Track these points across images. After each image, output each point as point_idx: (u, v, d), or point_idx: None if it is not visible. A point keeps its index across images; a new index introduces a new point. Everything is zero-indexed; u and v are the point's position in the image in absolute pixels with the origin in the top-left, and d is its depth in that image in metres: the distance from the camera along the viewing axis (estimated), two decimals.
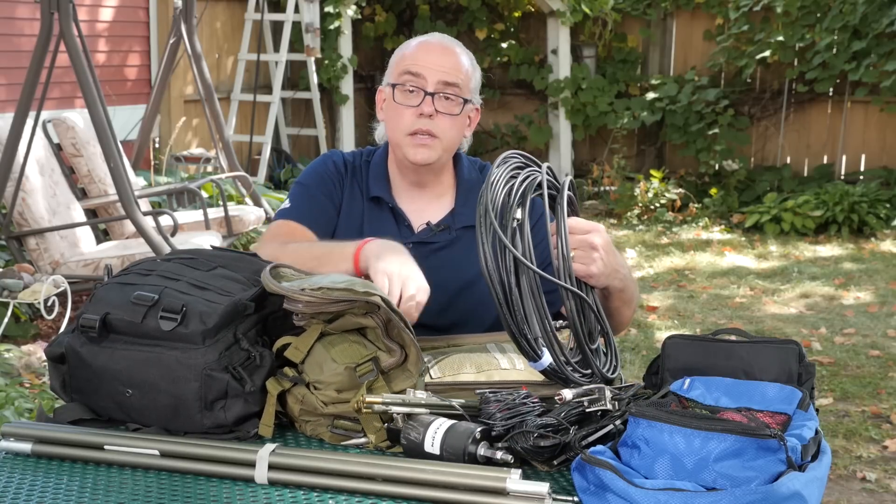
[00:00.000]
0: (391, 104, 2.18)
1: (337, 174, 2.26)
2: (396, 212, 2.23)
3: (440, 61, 2.15)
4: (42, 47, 4.99)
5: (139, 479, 1.55)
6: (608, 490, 1.37)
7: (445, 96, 2.14)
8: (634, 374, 4.75)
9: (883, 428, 4.29)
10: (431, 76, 2.14)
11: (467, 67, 2.19)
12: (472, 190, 2.25)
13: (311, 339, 1.67)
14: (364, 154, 2.31)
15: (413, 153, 2.16)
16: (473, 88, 2.21)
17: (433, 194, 2.26)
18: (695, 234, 8.43)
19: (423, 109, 2.13)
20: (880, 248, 7.85)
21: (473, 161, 2.33)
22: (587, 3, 9.60)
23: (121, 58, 7.85)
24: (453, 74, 2.15)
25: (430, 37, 2.24)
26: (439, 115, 2.14)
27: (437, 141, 2.16)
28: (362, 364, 1.63)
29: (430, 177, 2.24)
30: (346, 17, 8.99)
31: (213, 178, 6.23)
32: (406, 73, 2.15)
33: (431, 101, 2.13)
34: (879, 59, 8.66)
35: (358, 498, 1.48)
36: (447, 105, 2.15)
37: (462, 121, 2.20)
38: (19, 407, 3.64)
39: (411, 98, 2.15)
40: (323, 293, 1.62)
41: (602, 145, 9.97)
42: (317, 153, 9.51)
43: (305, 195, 2.24)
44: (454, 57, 2.18)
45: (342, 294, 1.62)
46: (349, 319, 1.66)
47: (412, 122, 2.14)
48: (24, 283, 4.64)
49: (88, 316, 1.65)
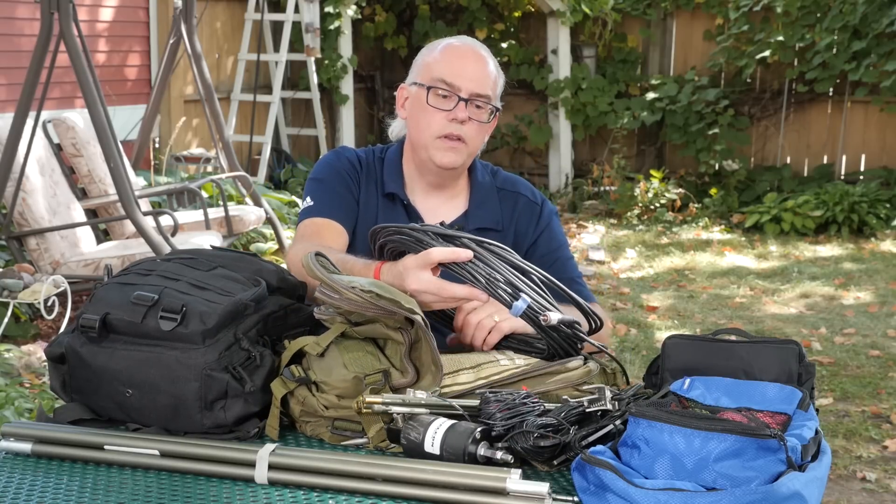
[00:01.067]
0: (421, 105, 2.18)
1: (352, 168, 2.27)
2: (410, 209, 2.25)
3: (474, 72, 2.17)
4: (42, 47, 4.99)
5: (139, 479, 1.55)
6: (608, 490, 1.37)
7: (477, 105, 2.17)
8: (634, 374, 4.75)
9: (883, 428, 4.29)
10: (466, 86, 2.15)
11: (495, 75, 2.21)
12: (486, 193, 2.29)
13: (332, 336, 1.67)
14: (377, 151, 2.32)
15: (441, 157, 2.17)
16: (499, 95, 2.24)
17: (448, 195, 2.28)
18: (695, 234, 8.43)
19: (458, 115, 2.15)
20: (880, 248, 7.85)
21: (485, 165, 2.35)
22: (587, 3, 9.60)
23: (121, 58, 7.85)
24: (484, 85, 2.17)
25: (460, 43, 2.24)
26: (470, 121, 2.16)
27: (465, 146, 2.18)
28: (371, 375, 1.64)
29: (450, 180, 2.26)
30: (346, 17, 8.99)
31: (213, 178, 6.23)
32: (440, 81, 2.16)
33: (465, 106, 2.15)
34: (879, 59, 8.66)
35: (358, 498, 1.48)
36: (478, 113, 2.17)
37: (489, 128, 2.23)
38: (19, 407, 3.64)
39: (445, 102, 2.16)
40: (371, 297, 1.61)
41: (602, 145, 9.97)
42: (317, 153, 9.51)
43: (325, 189, 2.23)
44: (485, 67, 2.19)
45: (387, 304, 1.62)
46: (378, 329, 1.66)
47: (443, 126, 2.16)
48: (24, 283, 4.64)
49: (88, 316, 1.65)
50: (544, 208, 2.31)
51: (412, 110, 2.22)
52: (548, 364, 1.75)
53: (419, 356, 1.65)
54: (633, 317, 5.92)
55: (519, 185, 2.33)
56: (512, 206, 2.29)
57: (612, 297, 6.38)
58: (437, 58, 2.20)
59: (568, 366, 1.74)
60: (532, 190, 2.35)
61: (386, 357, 1.67)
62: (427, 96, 2.16)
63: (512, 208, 2.29)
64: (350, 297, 1.62)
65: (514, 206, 2.29)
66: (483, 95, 2.16)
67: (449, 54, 2.19)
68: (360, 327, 1.67)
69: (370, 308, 1.62)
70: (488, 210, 2.27)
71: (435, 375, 1.64)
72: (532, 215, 2.29)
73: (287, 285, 1.85)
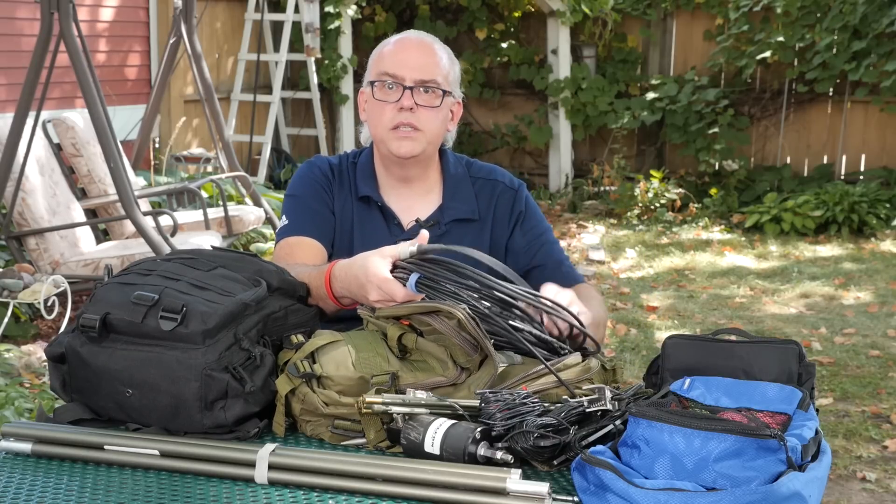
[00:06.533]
0: (372, 102, 2.20)
1: (324, 179, 2.27)
2: (385, 210, 2.24)
3: (417, 60, 2.17)
4: (42, 47, 4.99)
5: (139, 479, 1.55)
6: (608, 490, 1.37)
7: (425, 89, 2.16)
8: (634, 374, 4.75)
9: (883, 428, 4.28)
10: (409, 75, 2.15)
11: (444, 62, 2.20)
12: (460, 184, 2.27)
13: (395, 334, 1.72)
14: (350, 156, 2.32)
15: (397, 146, 2.17)
16: (453, 82, 2.22)
17: (421, 190, 2.27)
18: (695, 234, 8.43)
19: (403, 103, 2.14)
20: (880, 248, 7.85)
21: (459, 157, 2.34)
22: (587, 3, 9.60)
23: (121, 58, 7.85)
24: (430, 72, 2.16)
25: (406, 35, 2.25)
26: (420, 108, 2.15)
27: (421, 133, 2.17)
28: (378, 376, 1.64)
29: (416, 171, 2.25)
30: (346, 17, 8.99)
31: (213, 178, 6.23)
32: (384, 74, 2.16)
33: (410, 94, 2.14)
34: (879, 59, 8.66)
35: (358, 498, 1.48)
36: (427, 98, 2.16)
37: (444, 113, 2.20)
38: (19, 407, 3.64)
39: (390, 94, 2.16)
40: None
41: (602, 145, 9.96)
42: (317, 153, 9.51)
43: (300, 206, 2.24)
44: (431, 55, 2.19)
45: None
46: (443, 343, 1.70)
47: (393, 117, 2.16)
48: (24, 283, 4.64)
49: (88, 316, 1.65)
50: (521, 192, 2.31)
51: (368, 110, 2.23)
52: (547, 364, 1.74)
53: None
54: (633, 317, 5.92)
55: (495, 173, 2.33)
56: (489, 194, 2.28)
57: (612, 297, 6.38)
58: (382, 53, 2.20)
59: (566, 362, 1.72)
60: (509, 177, 2.34)
61: (453, 361, 1.69)
62: (373, 91, 2.17)
63: (489, 196, 2.28)
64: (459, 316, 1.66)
65: (491, 193, 2.28)
66: (429, 81, 2.15)
67: (393, 48, 2.20)
68: (426, 339, 1.71)
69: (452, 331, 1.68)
70: (462, 201, 2.26)
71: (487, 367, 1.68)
72: (510, 200, 2.28)
73: (287, 285, 1.85)
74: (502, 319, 1.70)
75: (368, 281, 1.77)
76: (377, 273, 1.76)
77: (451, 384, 1.68)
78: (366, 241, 2.12)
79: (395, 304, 1.75)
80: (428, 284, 1.72)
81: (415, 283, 1.72)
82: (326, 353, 1.68)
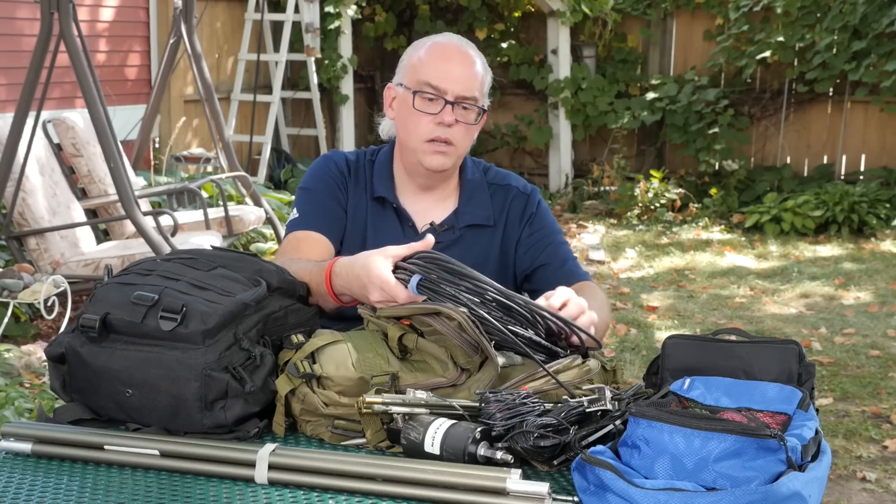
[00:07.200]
0: (408, 109, 2.17)
1: (340, 175, 2.25)
2: (400, 212, 2.24)
3: (459, 73, 2.15)
4: (42, 47, 4.99)
5: (139, 479, 1.55)
6: (608, 490, 1.37)
7: (464, 106, 2.15)
8: (634, 374, 4.75)
9: (883, 428, 4.28)
10: (451, 88, 2.14)
11: (482, 75, 2.20)
12: (476, 189, 2.27)
13: (396, 334, 1.71)
14: (368, 153, 2.31)
15: (429, 160, 2.16)
16: (486, 94, 2.22)
17: (439, 196, 2.27)
18: (695, 234, 8.43)
19: (444, 119, 2.13)
20: (880, 248, 7.85)
21: (477, 162, 2.34)
22: (587, 3, 9.60)
23: (121, 58, 7.85)
24: (471, 87, 2.15)
25: (448, 41, 2.21)
26: (457, 124, 2.15)
27: (453, 149, 2.17)
28: (378, 377, 1.64)
29: (440, 182, 2.25)
30: (346, 17, 8.99)
31: (213, 178, 6.23)
32: (426, 84, 2.14)
33: (451, 110, 2.13)
34: (879, 59, 8.66)
35: (358, 498, 1.48)
36: (465, 114, 2.16)
37: (476, 129, 2.22)
38: (19, 407, 3.64)
39: (431, 106, 2.14)
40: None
41: (602, 145, 9.96)
42: (317, 153, 9.50)
43: (312, 200, 2.23)
44: (472, 67, 2.18)
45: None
46: (444, 343, 1.69)
47: (430, 130, 2.15)
48: (24, 283, 4.64)
49: (88, 316, 1.65)
50: (534, 196, 2.32)
51: (400, 112, 2.21)
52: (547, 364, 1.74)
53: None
54: (633, 317, 5.92)
55: (510, 178, 2.33)
56: (503, 199, 2.28)
57: (612, 297, 6.38)
58: (422, 59, 2.17)
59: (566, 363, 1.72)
60: (523, 182, 2.35)
61: (453, 362, 1.69)
62: (413, 100, 2.15)
63: (503, 201, 2.28)
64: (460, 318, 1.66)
65: (504, 198, 2.28)
66: (470, 98, 2.15)
67: (434, 55, 2.17)
68: (426, 340, 1.71)
69: (452, 332, 1.67)
70: (478, 206, 2.26)
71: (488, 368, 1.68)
72: (522, 204, 2.29)
73: (287, 285, 1.85)
74: (502, 324, 1.70)
75: (370, 281, 1.77)
76: (379, 274, 1.76)
77: (451, 385, 1.68)
78: (378, 240, 2.10)
79: (397, 305, 1.75)
80: (429, 286, 1.72)
81: (416, 284, 1.72)
82: (326, 354, 1.67)
